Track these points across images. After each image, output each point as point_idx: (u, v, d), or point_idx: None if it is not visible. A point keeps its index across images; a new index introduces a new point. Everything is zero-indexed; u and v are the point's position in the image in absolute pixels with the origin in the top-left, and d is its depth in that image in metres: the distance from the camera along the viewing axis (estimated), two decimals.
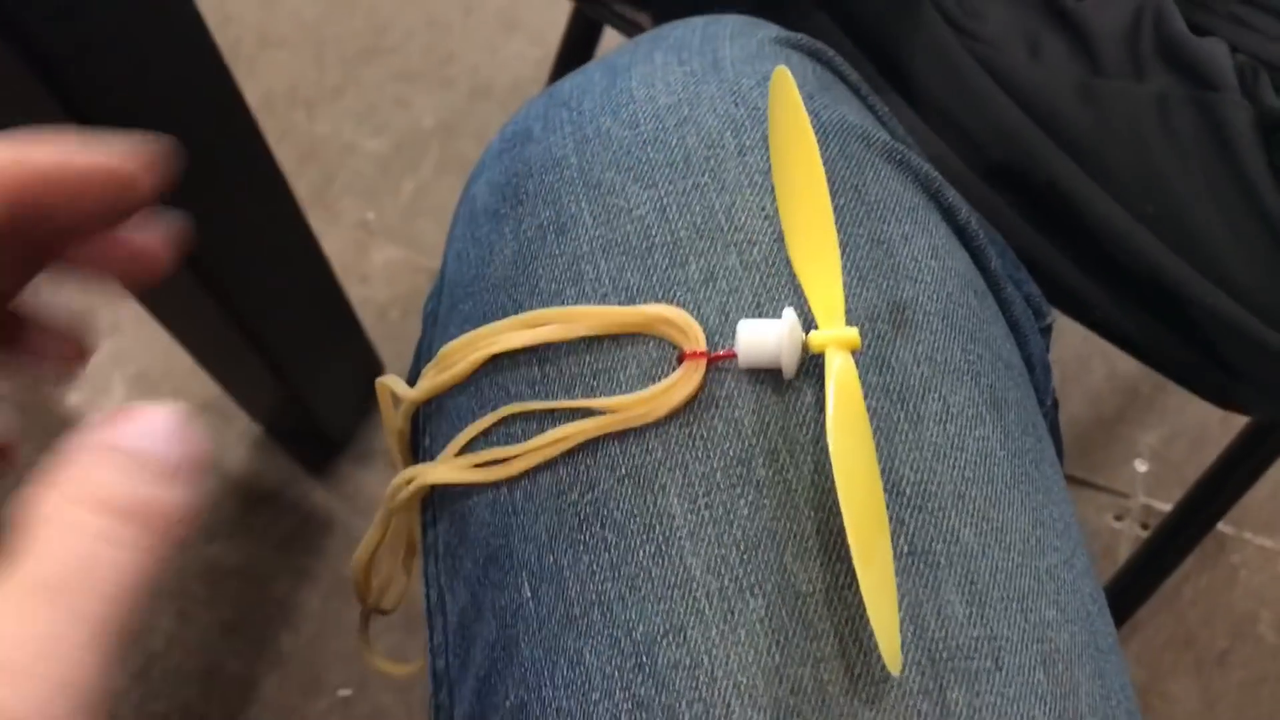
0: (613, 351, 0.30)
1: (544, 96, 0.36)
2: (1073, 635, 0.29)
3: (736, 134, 0.32)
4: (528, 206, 0.33)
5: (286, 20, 1.27)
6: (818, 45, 0.36)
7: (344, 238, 1.12)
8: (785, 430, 0.28)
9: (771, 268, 0.30)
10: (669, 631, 0.27)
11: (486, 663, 0.30)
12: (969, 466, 0.29)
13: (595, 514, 0.28)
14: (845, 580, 0.27)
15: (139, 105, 0.62)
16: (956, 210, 0.34)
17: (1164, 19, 0.50)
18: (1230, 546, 0.98)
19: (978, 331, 0.32)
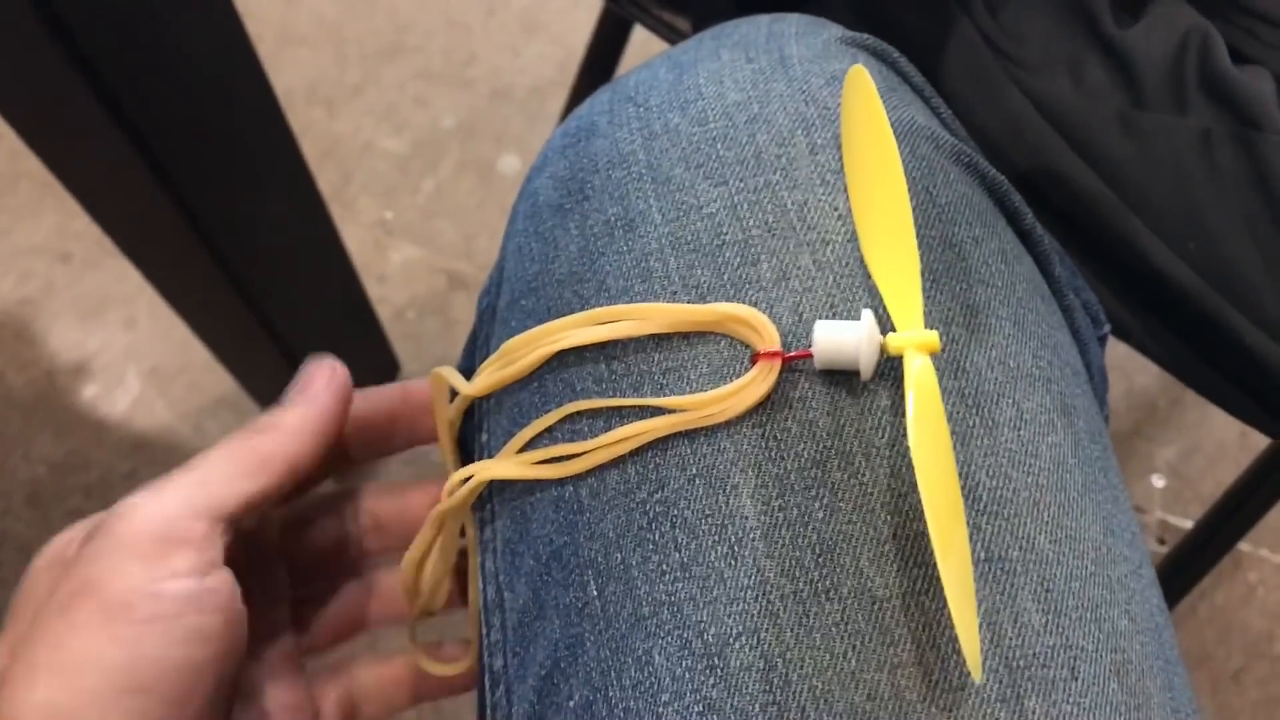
0: (683, 350, 0.29)
1: (608, 91, 0.36)
2: (1144, 645, 0.28)
3: (807, 133, 0.31)
4: (594, 202, 0.32)
5: (307, 18, 1.27)
6: (883, 46, 0.36)
7: (362, 237, 1.12)
8: (861, 433, 0.28)
9: (845, 268, 0.29)
10: (742, 634, 0.26)
11: (549, 661, 0.29)
12: (1043, 473, 0.28)
13: (665, 513, 0.28)
14: (922, 586, 0.26)
15: (172, 96, 0.62)
16: (1022, 215, 0.34)
17: (1209, 50, 0.50)
18: (1247, 564, 0.98)
19: (1047, 337, 0.31)
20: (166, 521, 0.29)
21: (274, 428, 0.33)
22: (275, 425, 0.33)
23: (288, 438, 0.33)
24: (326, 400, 0.34)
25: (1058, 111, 0.51)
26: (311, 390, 0.34)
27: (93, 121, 0.59)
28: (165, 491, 0.30)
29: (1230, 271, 0.48)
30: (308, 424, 0.33)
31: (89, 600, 0.27)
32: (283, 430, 0.33)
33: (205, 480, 0.30)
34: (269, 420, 0.33)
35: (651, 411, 0.29)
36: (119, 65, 0.56)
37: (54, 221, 1.13)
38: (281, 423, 0.33)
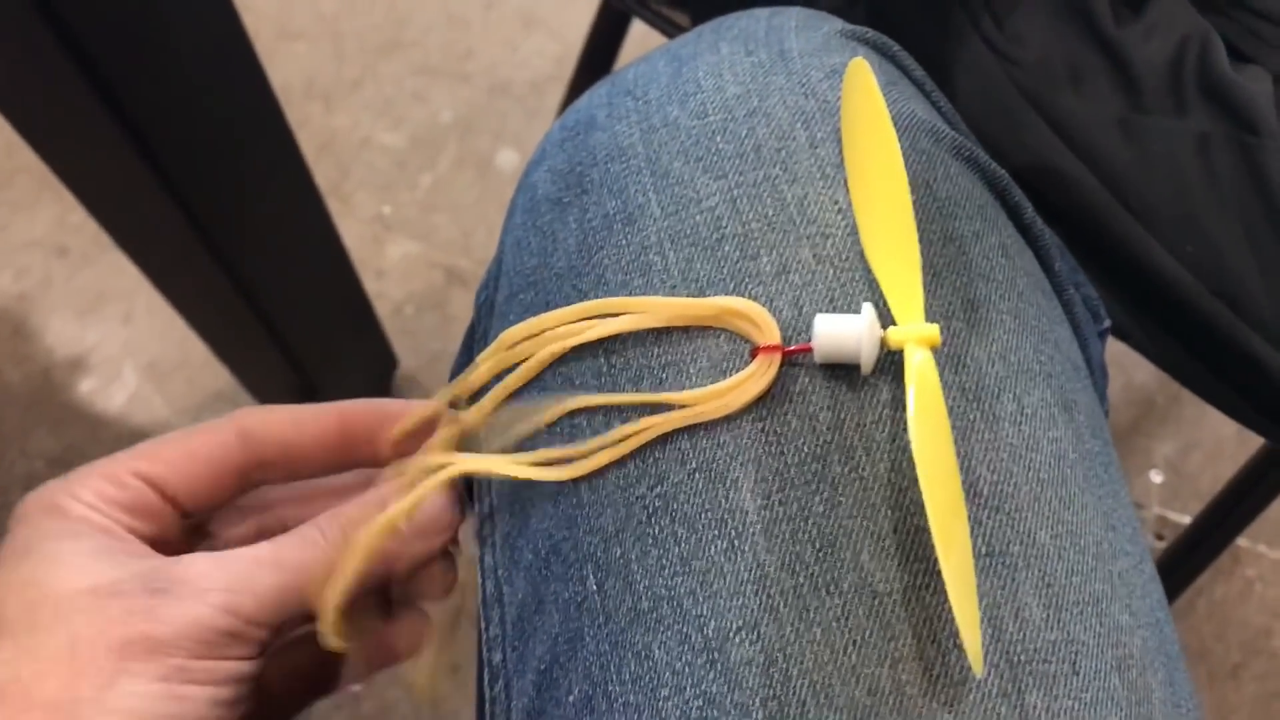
0: (682, 344, 0.29)
1: (606, 84, 0.35)
2: (1145, 641, 0.28)
3: (807, 126, 0.31)
4: (593, 195, 0.32)
5: (305, 12, 1.27)
6: (884, 39, 0.35)
7: (359, 232, 1.11)
8: (861, 427, 0.27)
9: (845, 262, 0.29)
10: (742, 628, 0.26)
11: (549, 656, 0.29)
12: (1044, 468, 0.28)
13: (664, 507, 0.28)
14: (923, 580, 0.26)
15: (169, 90, 0.61)
16: (1022, 209, 0.34)
17: (1208, 53, 0.50)
18: (1245, 560, 0.98)
19: (1048, 332, 0.31)
20: (234, 621, 0.28)
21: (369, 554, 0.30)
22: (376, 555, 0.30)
23: (378, 570, 0.30)
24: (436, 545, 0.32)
25: (1057, 114, 0.51)
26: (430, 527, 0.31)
27: (90, 116, 0.58)
28: (248, 585, 0.28)
29: (1228, 275, 0.48)
30: (401, 564, 0.31)
31: (151, 662, 0.27)
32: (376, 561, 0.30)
33: (284, 588, 0.29)
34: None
35: (651, 406, 0.29)
36: (117, 60, 0.56)
37: (51, 216, 1.13)
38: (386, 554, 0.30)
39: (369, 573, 0.30)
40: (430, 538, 0.31)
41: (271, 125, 0.72)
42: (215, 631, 0.27)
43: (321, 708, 0.91)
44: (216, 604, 0.27)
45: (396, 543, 0.30)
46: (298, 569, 0.29)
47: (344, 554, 0.29)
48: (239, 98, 0.69)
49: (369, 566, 0.30)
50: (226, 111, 0.68)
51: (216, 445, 0.31)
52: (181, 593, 0.27)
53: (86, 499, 0.29)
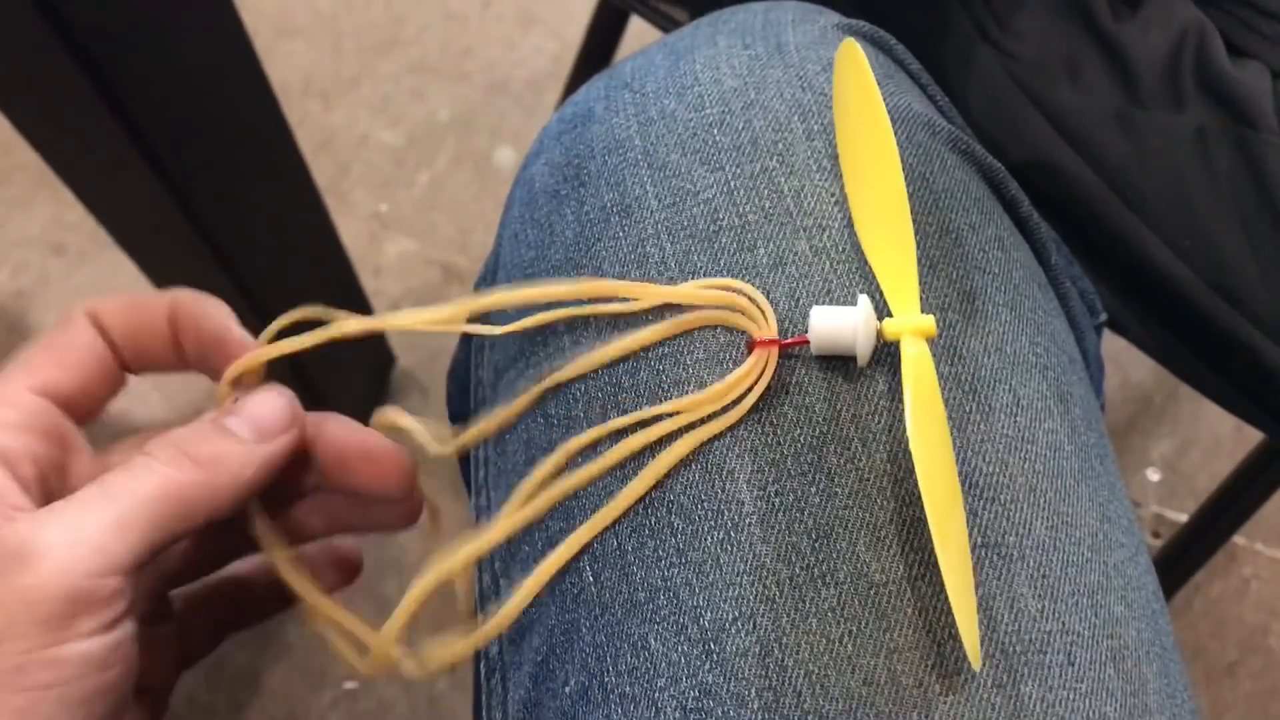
0: (679, 335, 0.29)
1: (604, 77, 0.35)
2: (1140, 632, 0.28)
3: (804, 119, 0.31)
4: (590, 188, 0.32)
5: (303, 10, 1.27)
6: (880, 33, 0.36)
7: (357, 229, 1.11)
8: (858, 418, 0.28)
9: (842, 254, 0.29)
10: (738, 619, 0.26)
11: (545, 647, 0.29)
12: (1039, 460, 0.28)
13: (660, 499, 0.28)
14: (919, 571, 0.26)
15: (169, 88, 0.61)
16: (1018, 202, 0.34)
17: (1206, 47, 0.50)
18: (1242, 558, 0.98)
19: (1044, 324, 0.31)
20: (75, 581, 0.24)
21: (214, 463, 0.27)
22: (216, 460, 0.27)
23: (226, 483, 0.28)
24: (281, 447, 0.29)
25: (1055, 108, 0.51)
26: (268, 425, 0.29)
27: (89, 113, 0.58)
28: (79, 535, 0.25)
29: (1225, 269, 0.48)
30: (250, 470, 0.28)
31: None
32: (223, 470, 0.28)
33: (124, 524, 0.25)
34: (211, 449, 0.28)
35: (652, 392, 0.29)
36: (116, 57, 0.56)
37: (49, 214, 1.13)
38: (224, 458, 0.28)
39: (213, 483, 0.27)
40: (272, 436, 0.29)
41: (270, 123, 0.72)
42: (58, 602, 0.24)
43: (317, 706, 0.91)
44: (51, 569, 0.24)
45: (242, 447, 0.28)
46: (130, 500, 0.26)
47: (183, 470, 0.27)
48: (238, 95, 0.69)
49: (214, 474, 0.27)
50: (226, 109, 0.68)
51: (84, 334, 0.29)
52: (12, 567, 0.24)
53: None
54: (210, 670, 0.92)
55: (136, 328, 0.30)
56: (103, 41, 0.54)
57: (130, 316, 0.30)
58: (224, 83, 0.67)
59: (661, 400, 0.29)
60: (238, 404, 0.30)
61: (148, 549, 0.26)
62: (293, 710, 0.91)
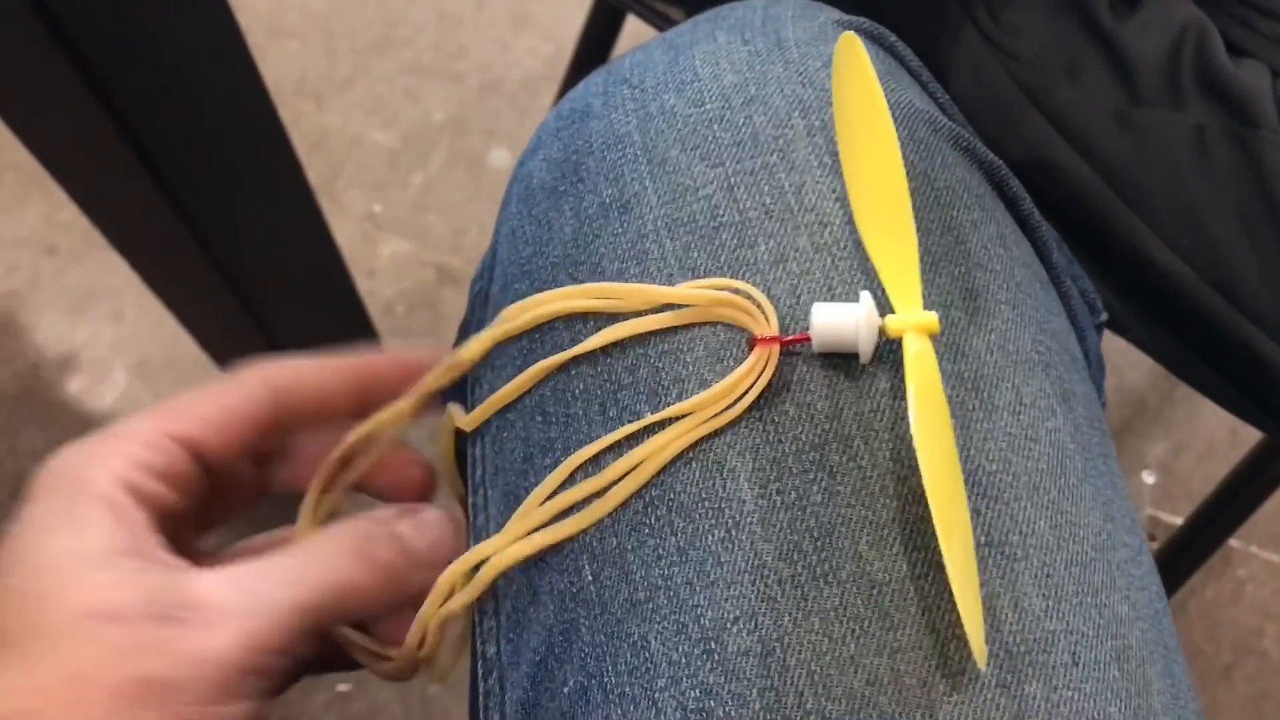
0: (679, 332, 0.29)
1: (602, 73, 0.35)
2: (1144, 632, 0.28)
3: (805, 115, 0.31)
4: (588, 184, 0.32)
5: (297, 10, 1.26)
6: (880, 29, 0.35)
7: (351, 230, 1.11)
8: (860, 416, 0.27)
9: (843, 250, 0.29)
10: (739, 618, 0.26)
11: (543, 647, 0.29)
12: (1043, 458, 0.28)
13: (661, 497, 0.28)
14: (922, 570, 0.26)
15: (162, 88, 0.61)
16: (1019, 200, 0.34)
17: (1205, 46, 0.50)
18: (1237, 560, 0.98)
19: (1046, 322, 0.31)
20: (253, 657, 0.25)
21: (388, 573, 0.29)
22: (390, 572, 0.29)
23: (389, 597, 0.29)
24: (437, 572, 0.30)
25: (1054, 107, 0.51)
26: (439, 553, 0.31)
27: (82, 113, 0.58)
28: (262, 609, 0.26)
29: (1225, 267, 0.48)
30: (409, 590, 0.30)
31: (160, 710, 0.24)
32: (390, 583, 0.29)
33: (305, 608, 0.27)
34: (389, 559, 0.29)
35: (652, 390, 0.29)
36: (109, 56, 0.56)
37: (40, 213, 1.12)
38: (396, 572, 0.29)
39: (373, 596, 0.29)
40: (438, 562, 0.30)
41: (264, 123, 0.72)
42: (232, 670, 0.25)
43: (311, 707, 0.90)
44: (233, 637, 0.25)
45: (409, 560, 0.30)
46: (317, 588, 0.27)
47: (364, 574, 0.28)
48: (232, 95, 0.68)
49: (384, 583, 0.29)
50: (219, 109, 0.68)
51: (249, 400, 0.30)
52: (193, 622, 0.25)
53: (116, 467, 0.27)
54: None
55: (320, 391, 0.32)
56: (96, 41, 0.54)
57: (316, 383, 0.32)
58: (218, 82, 0.66)
59: (662, 398, 0.28)
60: (416, 515, 0.31)
61: (310, 634, 0.27)
62: (285, 712, 0.91)
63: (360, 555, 0.28)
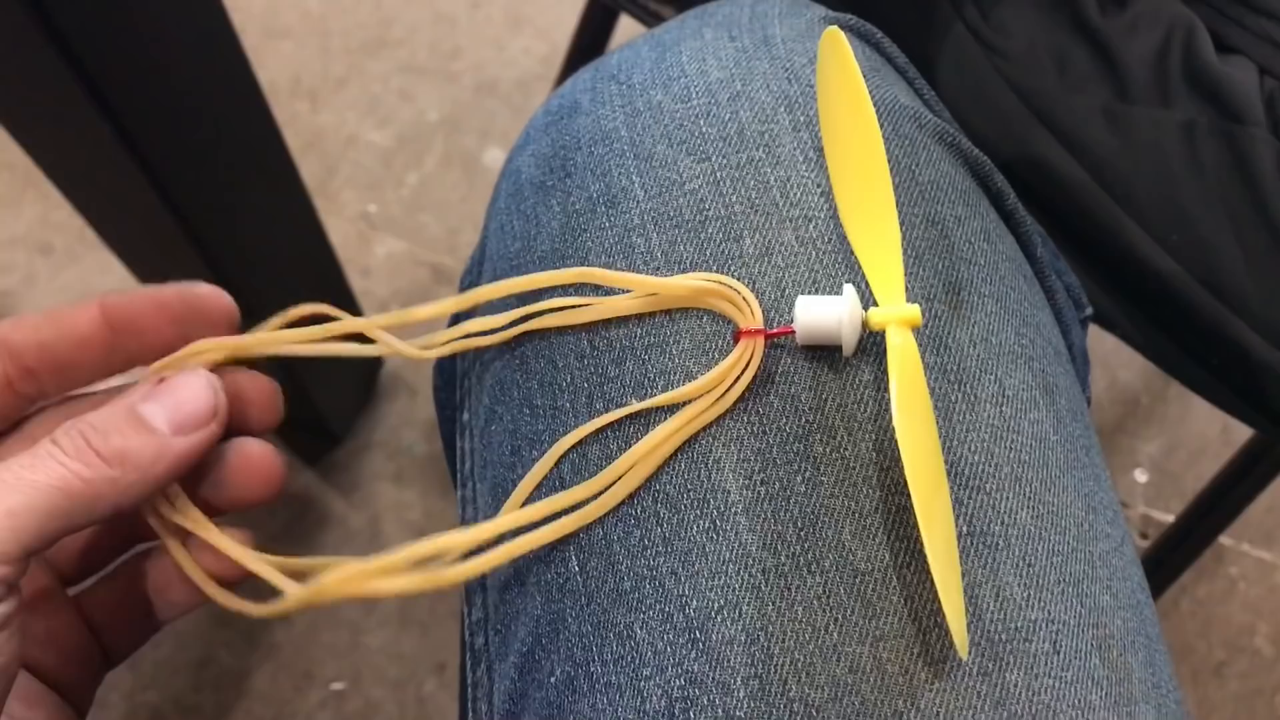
0: (665, 324, 0.29)
1: (590, 70, 0.35)
2: (1125, 621, 0.28)
3: (790, 110, 0.31)
4: (576, 179, 0.32)
5: (291, 10, 1.26)
6: (867, 26, 0.36)
7: (345, 230, 1.11)
8: (843, 407, 0.28)
9: (828, 244, 0.29)
10: (724, 608, 0.26)
11: (530, 638, 0.29)
12: (1025, 450, 0.28)
13: (647, 488, 0.28)
14: (905, 559, 0.26)
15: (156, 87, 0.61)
16: (1004, 195, 0.34)
17: (1193, 43, 0.50)
18: (1228, 558, 0.98)
19: (1029, 316, 0.31)
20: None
21: (121, 459, 0.26)
22: (124, 457, 0.26)
23: (133, 481, 0.26)
24: (198, 442, 0.28)
25: (1043, 103, 0.51)
26: (189, 418, 0.28)
27: (77, 113, 0.58)
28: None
29: (1213, 264, 0.48)
30: (160, 467, 0.27)
31: None
32: (130, 467, 0.26)
33: (16, 514, 0.25)
34: (121, 443, 0.26)
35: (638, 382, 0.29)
36: (104, 57, 0.56)
37: (35, 213, 1.12)
38: (133, 454, 0.26)
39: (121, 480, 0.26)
40: (191, 430, 0.28)
41: (258, 123, 0.72)
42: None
43: (304, 706, 0.91)
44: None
45: (156, 441, 0.27)
46: (27, 490, 0.25)
47: (88, 466, 0.26)
48: (226, 95, 0.69)
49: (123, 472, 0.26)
50: (214, 109, 0.68)
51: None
52: None
53: None
54: (196, 671, 0.92)
55: (56, 339, 0.29)
56: (90, 41, 0.54)
57: (49, 330, 0.29)
58: (212, 82, 0.66)
59: (648, 390, 0.29)
60: (161, 386, 0.28)
61: (39, 541, 0.25)
62: (280, 711, 0.91)
63: (84, 450, 0.26)
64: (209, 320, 0.30)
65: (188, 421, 0.28)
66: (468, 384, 0.34)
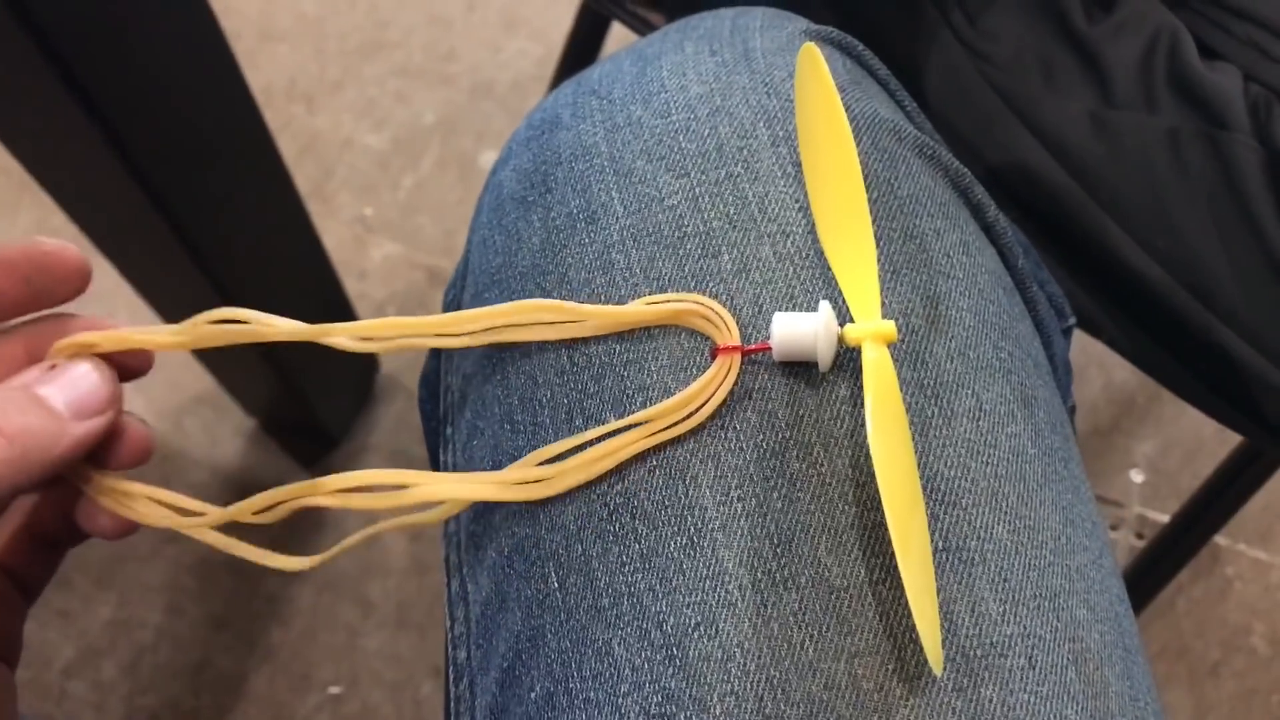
0: (643, 341, 0.29)
1: (572, 84, 0.36)
2: (1102, 635, 0.28)
3: (769, 125, 0.31)
4: (557, 194, 0.32)
5: (287, 14, 1.26)
6: (848, 39, 0.36)
7: (342, 233, 1.11)
8: (820, 424, 0.28)
9: (805, 260, 0.29)
10: (700, 624, 0.26)
11: (511, 654, 0.29)
12: (1002, 464, 0.28)
13: (625, 505, 0.28)
14: (880, 575, 0.26)
15: (146, 93, 0.61)
16: (985, 208, 0.34)
17: (1178, 49, 0.50)
18: (1224, 558, 0.98)
19: (1008, 329, 0.32)
20: None
21: (23, 437, 0.26)
22: (25, 435, 0.26)
23: (34, 460, 0.26)
24: (96, 428, 0.28)
25: (1028, 110, 0.51)
26: (86, 403, 0.28)
27: (67, 119, 0.58)
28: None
29: (1199, 269, 0.48)
30: (59, 449, 0.27)
31: None
32: (32, 446, 0.26)
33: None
34: (22, 421, 0.26)
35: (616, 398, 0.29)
36: (92, 62, 0.56)
37: (32, 219, 1.13)
38: (34, 434, 0.27)
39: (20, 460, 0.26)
40: (88, 416, 0.28)
41: (249, 127, 0.72)
42: None
43: (302, 710, 0.91)
44: None
45: (56, 422, 0.27)
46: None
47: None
48: (216, 100, 0.69)
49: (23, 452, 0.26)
50: (204, 114, 0.68)
51: None
52: None
53: None
54: (194, 674, 0.92)
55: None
56: (78, 47, 0.54)
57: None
58: (202, 87, 0.66)
59: (627, 406, 0.29)
60: (56, 370, 0.28)
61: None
62: (277, 714, 0.91)
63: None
64: (60, 276, 0.30)
65: (86, 407, 0.28)
66: (450, 399, 0.34)
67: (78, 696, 0.91)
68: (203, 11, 0.62)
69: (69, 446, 0.27)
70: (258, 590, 0.95)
